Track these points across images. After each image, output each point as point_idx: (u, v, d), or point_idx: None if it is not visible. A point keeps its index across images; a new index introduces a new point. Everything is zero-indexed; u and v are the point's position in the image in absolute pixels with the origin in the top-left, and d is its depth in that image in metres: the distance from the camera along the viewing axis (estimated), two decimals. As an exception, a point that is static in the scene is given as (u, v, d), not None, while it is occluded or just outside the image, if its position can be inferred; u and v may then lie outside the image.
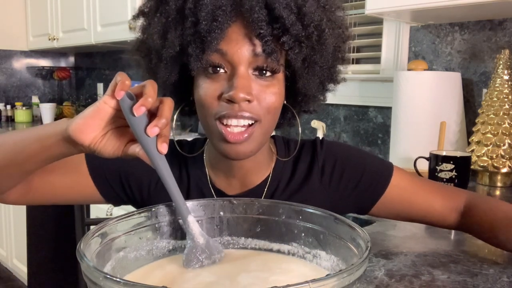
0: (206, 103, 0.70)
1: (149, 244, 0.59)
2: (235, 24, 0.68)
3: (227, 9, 0.66)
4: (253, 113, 0.69)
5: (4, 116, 3.45)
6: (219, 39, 0.67)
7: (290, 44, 0.68)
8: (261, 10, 0.66)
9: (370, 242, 0.47)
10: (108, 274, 0.39)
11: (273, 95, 0.71)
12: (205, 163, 0.85)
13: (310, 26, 0.69)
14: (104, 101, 0.59)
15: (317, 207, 0.59)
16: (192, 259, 0.57)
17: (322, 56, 0.72)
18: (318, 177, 0.83)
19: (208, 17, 0.66)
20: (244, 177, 0.82)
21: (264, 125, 0.72)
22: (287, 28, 0.67)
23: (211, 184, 0.83)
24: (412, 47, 1.85)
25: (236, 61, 0.68)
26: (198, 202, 0.62)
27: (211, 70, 0.70)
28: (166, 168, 0.57)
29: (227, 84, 0.69)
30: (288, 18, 0.66)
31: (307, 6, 0.68)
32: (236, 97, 0.67)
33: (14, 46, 3.56)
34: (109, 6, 2.69)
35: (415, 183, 0.85)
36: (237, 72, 0.68)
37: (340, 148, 0.86)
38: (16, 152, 0.68)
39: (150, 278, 0.55)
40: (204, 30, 0.66)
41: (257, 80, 0.70)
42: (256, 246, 0.62)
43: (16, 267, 3.02)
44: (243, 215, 0.62)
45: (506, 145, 1.42)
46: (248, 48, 0.68)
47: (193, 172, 0.84)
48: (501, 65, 1.45)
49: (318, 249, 0.58)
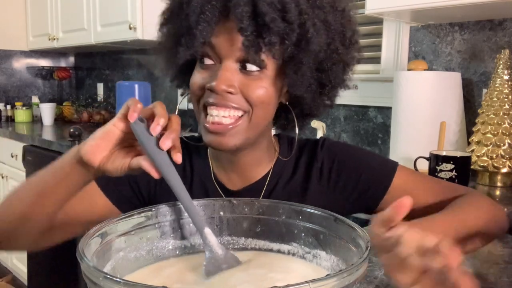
0: (193, 91, 0.75)
1: (149, 244, 0.59)
2: (225, 19, 0.70)
3: (217, 4, 0.69)
4: (237, 103, 0.71)
5: (4, 116, 3.44)
6: (207, 31, 0.70)
7: (272, 40, 0.68)
8: (246, 6, 0.68)
9: (370, 242, 0.47)
10: (108, 274, 0.39)
11: (259, 88, 0.72)
12: (208, 155, 0.86)
13: (293, 23, 0.69)
14: (113, 124, 0.62)
15: (317, 207, 0.59)
16: (212, 270, 0.56)
17: (307, 55, 0.71)
18: (317, 178, 0.83)
19: (197, 11, 0.70)
20: (243, 171, 0.83)
21: (253, 119, 0.73)
22: (267, 24, 0.68)
23: (214, 177, 0.84)
24: (412, 47, 1.85)
25: (222, 54, 0.71)
26: (198, 202, 0.62)
27: (201, 61, 0.74)
28: (178, 181, 0.58)
29: (214, 75, 0.72)
30: (269, 14, 0.67)
31: (293, 4, 0.69)
32: (217, 88, 0.70)
33: (14, 46, 3.55)
34: (109, 6, 2.69)
35: (418, 184, 0.83)
36: (223, 64, 0.71)
37: (340, 148, 0.86)
38: (38, 193, 0.69)
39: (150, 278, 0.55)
40: (193, 22, 0.70)
41: (243, 75, 0.72)
42: (256, 246, 0.62)
43: (16, 267, 3.02)
44: (243, 215, 0.62)
45: (506, 145, 1.42)
46: (233, 42, 0.70)
47: (197, 164, 0.86)
48: (501, 65, 1.45)
49: (318, 249, 0.58)
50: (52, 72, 3.73)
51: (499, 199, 1.35)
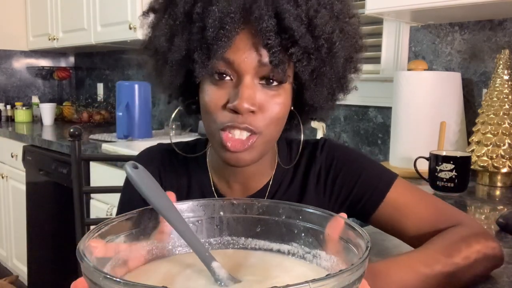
0: (210, 111, 0.70)
1: (149, 244, 0.59)
2: (243, 32, 0.66)
3: (236, 16, 0.64)
4: (254, 126, 0.68)
5: (4, 116, 3.45)
6: (226, 47, 0.65)
7: (299, 56, 0.66)
8: (270, 19, 0.64)
9: (370, 242, 0.47)
10: (108, 274, 0.39)
11: (277, 105, 0.69)
12: (208, 166, 0.84)
13: (320, 38, 0.66)
14: None
15: (317, 207, 0.59)
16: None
17: (332, 68, 0.70)
18: (314, 183, 0.82)
19: (215, 25, 0.64)
20: (246, 182, 0.81)
21: (266, 136, 0.71)
22: (296, 40, 0.65)
23: (214, 189, 0.83)
24: (412, 47, 1.85)
25: (242, 70, 0.67)
26: (198, 202, 0.62)
27: (217, 77, 0.69)
28: (182, 221, 0.56)
29: (233, 92, 0.68)
30: (298, 30, 0.64)
31: (318, 17, 0.66)
32: (241, 108, 0.66)
33: (14, 46, 3.56)
34: (109, 6, 2.69)
35: (412, 201, 0.78)
36: (243, 81, 0.67)
37: (340, 152, 0.83)
38: None
39: (150, 278, 0.55)
40: (210, 38, 0.65)
41: (263, 90, 0.69)
42: (256, 246, 0.62)
43: (16, 267, 3.02)
44: (243, 215, 0.62)
45: (506, 145, 1.42)
46: (255, 58, 0.66)
47: (195, 175, 0.84)
48: (501, 65, 1.45)
49: (318, 249, 0.58)
50: (52, 72, 3.73)
51: (499, 199, 1.35)
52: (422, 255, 0.67)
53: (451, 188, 1.32)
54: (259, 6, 0.64)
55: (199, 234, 0.61)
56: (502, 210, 1.20)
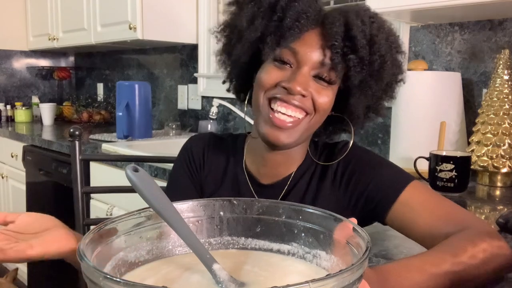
0: (264, 83, 0.80)
1: (149, 244, 0.59)
2: (313, 31, 0.78)
3: (311, 16, 0.77)
4: (306, 106, 0.78)
5: (4, 116, 3.45)
6: (295, 38, 0.77)
7: (355, 63, 0.77)
8: (340, 26, 0.76)
9: (370, 242, 0.47)
10: (108, 274, 0.39)
11: (326, 97, 0.80)
12: (244, 151, 0.93)
13: (375, 54, 0.77)
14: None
15: (316, 207, 0.59)
16: None
17: (377, 83, 0.81)
18: (331, 179, 0.87)
19: (293, 16, 0.76)
20: (273, 168, 0.89)
21: (311, 122, 0.81)
22: (356, 48, 0.76)
23: (245, 170, 0.91)
24: (412, 47, 1.85)
25: (303, 61, 0.78)
26: (198, 202, 0.62)
27: (279, 63, 0.80)
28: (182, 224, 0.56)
29: (290, 76, 0.78)
30: (360, 40, 0.76)
31: (378, 37, 0.78)
32: (294, 89, 0.77)
33: (14, 46, 3.56)
34: (109, 6, 2.69)
35: (425, 203, 0.80)
36: (301, 69, 0.78)
37: (357, 153, 0.87)
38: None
39: (150, 278, 0.55)
40: (286, 27, 0.77)
41: (314, 82, 0.79)
42: (256, 246, 0.62)
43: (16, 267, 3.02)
44: (243, 215, 0.62)
45: (506, 145, 1.42)
46: (317, 55, 0.78)
47: (232, 156, 0.93)
48: (501, 65, 1.45)
49: (318, 249, 0.58)
50: (52, 72, 3.73)
51: (499, 199, 1.35)
52: (430, 256, 0.68)
53: (451, 188, 1.32)
54: (333, 14, 0.78)
55: (199, 234, 0.61)
56: (502, 210, 1.20)
